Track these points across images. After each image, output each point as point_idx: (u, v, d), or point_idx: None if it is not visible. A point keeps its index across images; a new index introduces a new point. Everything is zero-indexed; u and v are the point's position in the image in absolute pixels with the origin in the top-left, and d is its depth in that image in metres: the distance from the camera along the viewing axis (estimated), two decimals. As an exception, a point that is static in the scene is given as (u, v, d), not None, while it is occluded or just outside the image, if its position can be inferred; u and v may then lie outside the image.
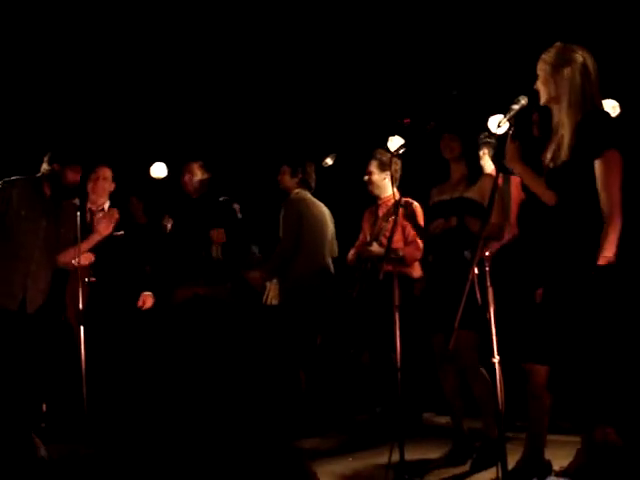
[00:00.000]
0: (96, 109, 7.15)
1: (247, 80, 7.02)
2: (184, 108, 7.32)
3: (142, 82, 7.10)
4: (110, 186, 5.34)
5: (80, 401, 4.41)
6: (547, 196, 3.30)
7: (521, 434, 3.90)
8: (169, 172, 7.09)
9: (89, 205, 5.26)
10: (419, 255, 5.13)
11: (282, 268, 5.50)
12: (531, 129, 3.93)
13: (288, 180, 5.67)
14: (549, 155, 3.27)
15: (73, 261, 4.56)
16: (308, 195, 5.66)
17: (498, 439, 3.08)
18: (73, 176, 4.63)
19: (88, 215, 5.22)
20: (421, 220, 4.90)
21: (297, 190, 5.63)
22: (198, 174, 5.68)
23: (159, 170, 7.13)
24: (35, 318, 4.56)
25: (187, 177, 5.68)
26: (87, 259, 4.80)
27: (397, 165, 5.20)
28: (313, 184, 5.72)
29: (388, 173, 5.22)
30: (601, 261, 2.98)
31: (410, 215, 4.70)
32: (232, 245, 5.50)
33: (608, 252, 2.99)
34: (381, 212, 5.37)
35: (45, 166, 4.66)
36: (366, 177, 5.38)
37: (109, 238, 5.06)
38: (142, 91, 7.16)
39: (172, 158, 7.06)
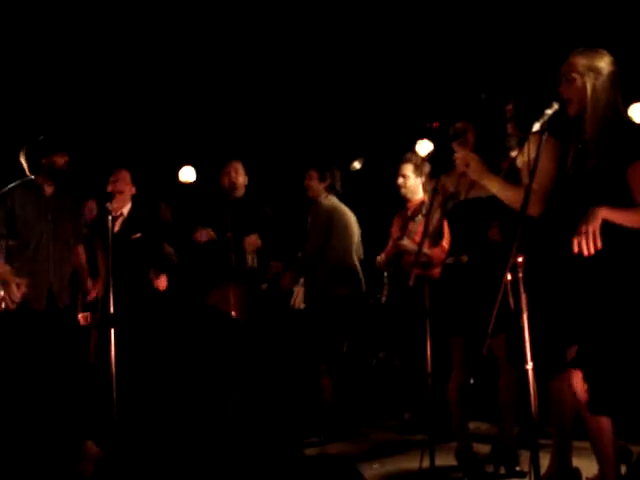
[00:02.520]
0: (123, 114, 7.20)
1: (275, 84, 7.03)
2: (212, 112, 7.35)
3: (170, 86, 7.14)
4: (130, 190, 5.33)
5: (110, 406, 4.42)
6: (529, 205, 3.21)
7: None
8: (198, 176, 7.10)
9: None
10: (444, 257, 5.10)
11: (308, 271, 5.50)
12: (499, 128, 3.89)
13: (316, 185, 5.60)
14: (569, 161, 3.24)
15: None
16: (336, 200, 5.61)
17: (532, 447, 3.05)
18: (60, 160, 4.69)
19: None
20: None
21: (325, 195, 5.58)
22: (242, 173, 5.66)
23: (188, 174, 7.13)
24: (64, 314, 4.67)
25: (233, 176, 5.63)
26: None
27: (427, 169, 5.20)
28: (340, 189, 5.69)
29: (422, 177, 5.23)
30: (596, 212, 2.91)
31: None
32: (267, 251, 5.47)
33: (607, 214, 2.92)
34: (409, 214, 5.36)
35: (26, 165, 4.73)
36: (401, 180, 5.32)
37: (127, 241, 5.10)
38: (169, 95, 7.20)
39: (200, 162, 7.08)
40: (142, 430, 4.81)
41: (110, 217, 4.56)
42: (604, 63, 3.16)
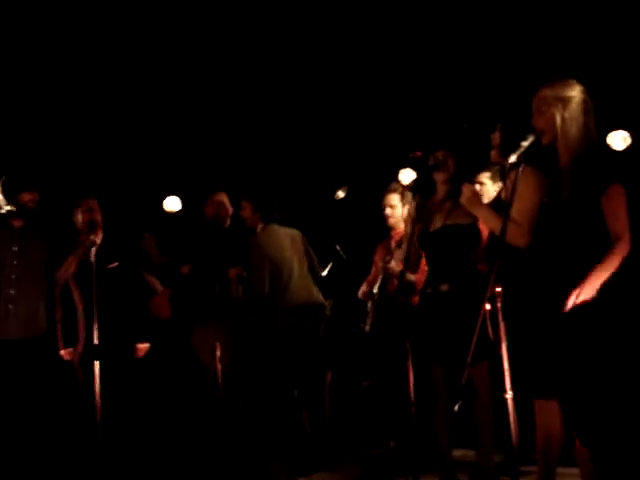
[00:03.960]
0: (108, 142, 7.21)
1: (259, 114, 7.07)
2: (198, 141, 7.38)
3: (154, 115, 7.17)
4: (99, 217, 5.18)
5: (95, 435, 4.42)
6: (517, 237, 3.31)
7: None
8: (183, 206, 7.11)
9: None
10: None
11: (264, 310, 5.41)
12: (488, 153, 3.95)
13: (250, 215, 5.56)
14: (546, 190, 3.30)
15: None
16: (272, 229, 5.53)
17: (512, 474, 3.07)
18: (27, 197, 4.73)
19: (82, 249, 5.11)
20: None
21: (261, 225, 5.52)
22: (225, 204, 5.66)
23: (173, 204, 7.14)
24: (31, 347, 4.64)
25: (216, 208, 5.62)
26: None
27: (409, 197, 5.26)
28: (277, 215, 5.57)
29: (407, 206, 5.28)
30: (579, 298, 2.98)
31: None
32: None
33: (589, 291, 2.98)
34: (393, 242, 5.39)
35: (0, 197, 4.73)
36: (389, 210, 5.35)
37: (103, 270, 5.09)
38: (155, 124, 7.22)
39: (186, 191, 7.10)
40: (128, 461, 4.82)
41: (94, 249, 4.59)
42: (573, 93, 3.23)
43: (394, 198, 5.34)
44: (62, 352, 5.00)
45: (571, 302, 2.96)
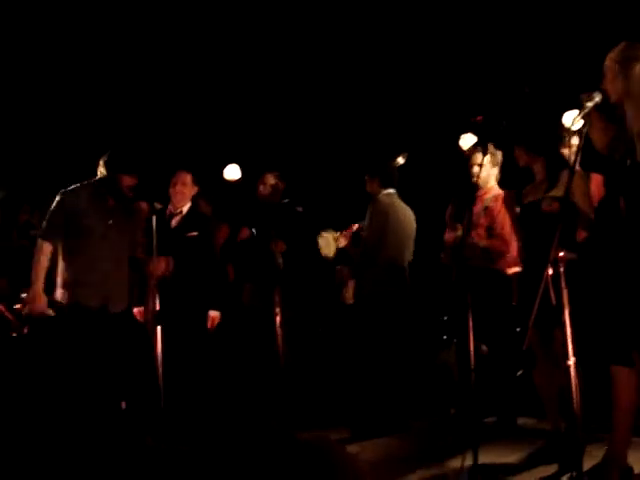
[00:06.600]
0: (171, 111, 7.28)
1: (319, 83, 7.06)
2: (259, 111, 7.40)
3: (217, 85, 7.21)
4: (191, 190, 5.46)
5: (157, 398, 4.50)
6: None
7: (598, 435, 3.86)
8: (243, 174, 7.13)
9: (169, 207, 5.41)
10: (505, 249, 5.01)
11: (365, 266, 5.47)
12: None
13: (376, 187, 5.54)
14: (621, 151, 3.22)
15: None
16: (395, 197, 5.54)
17: (575, 442, 3.02)
18: (129, 181, 4.68)
19: (167, 217, 5.36)
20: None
21: (385, 191, 5.53)
22: (270, 183, 5.77)
23: (232, 172, 7.16)
24: (117, 318, 4.69)
25: (262, 187, 5.83)
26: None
27: (500, 158, 5.20)
28: (395, 182, 5.60)
29: (496, 169, 5.20)
30: None
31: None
32: (294, 253, 5.49)
33: None
34: (478, 206, 5.21)
35: (102, 170, 4.72)
36: (476, 169, 5.16)
37: (183, 238, 5.19)
38: (217, 93, 7.27)
39: (246, 160, 7.13)
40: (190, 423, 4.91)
41: (154, 217, 4.64)
42: (636, 53, 3.14)
43: (481, 157, 5.22)
44: (135, 310, 5.20)
45: None
